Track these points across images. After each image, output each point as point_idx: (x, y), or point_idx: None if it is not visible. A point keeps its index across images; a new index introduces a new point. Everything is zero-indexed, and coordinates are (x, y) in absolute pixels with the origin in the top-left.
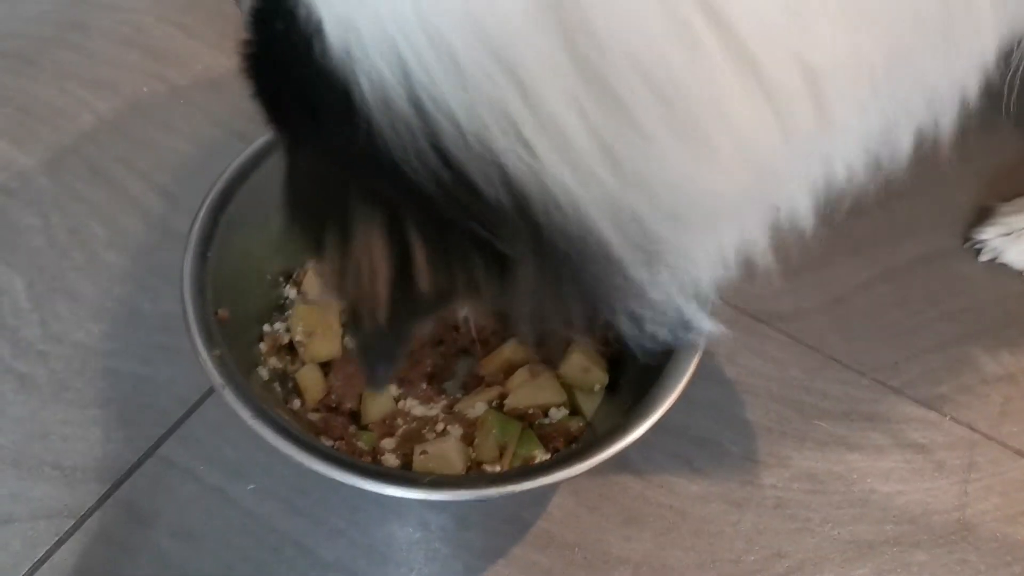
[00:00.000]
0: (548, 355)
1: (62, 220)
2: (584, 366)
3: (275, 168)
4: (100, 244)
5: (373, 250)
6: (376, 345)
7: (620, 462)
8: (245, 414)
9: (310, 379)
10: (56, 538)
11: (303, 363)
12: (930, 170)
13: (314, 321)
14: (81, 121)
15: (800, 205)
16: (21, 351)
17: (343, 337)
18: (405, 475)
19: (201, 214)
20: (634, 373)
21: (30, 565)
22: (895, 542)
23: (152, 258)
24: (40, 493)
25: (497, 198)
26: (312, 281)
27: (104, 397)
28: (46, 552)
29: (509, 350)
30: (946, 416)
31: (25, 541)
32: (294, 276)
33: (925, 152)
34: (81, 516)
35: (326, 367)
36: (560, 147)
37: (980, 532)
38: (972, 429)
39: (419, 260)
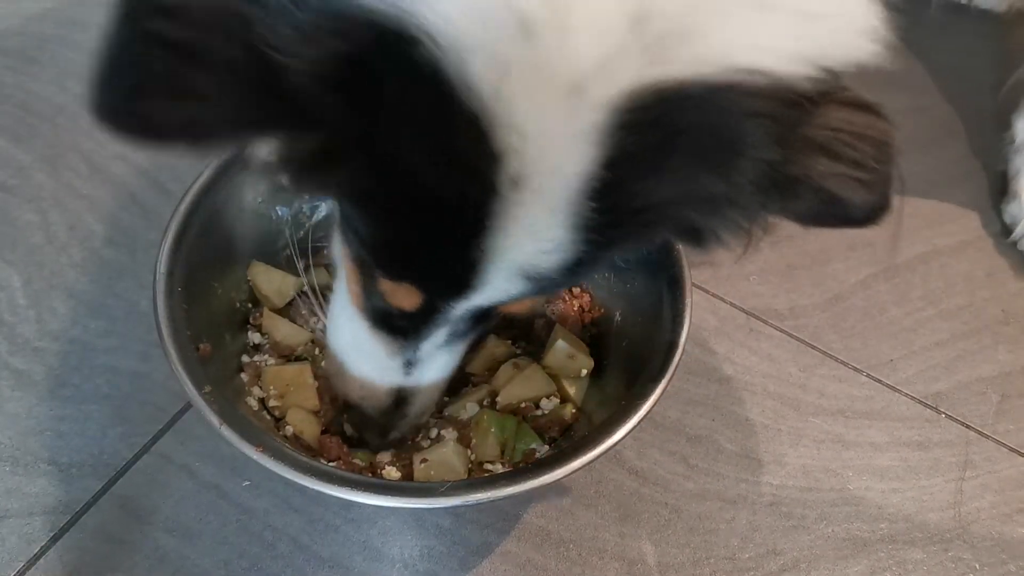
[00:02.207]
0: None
1: (61, 217)
2: (568, 353)
3: (226, 199)
4: (99, 241)
5: None
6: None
7: (616, 459)
8: (249, 450)
9: (301, 420)
10: (52, 534)
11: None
12: (930, 169)
13: (285, 381)
14: (81, 118)
15: None
16: (18, 347)
17: (317, 387)
18: (423, 487)
19: (163, 252)
20: (619, 355)
21: (26, 560)
22: (890, 540)
23: (151, 255)
24: (36, 489)
25: None
26: (272, 320)
27: (101, 394)
28: (41, 548)
29: (492, 344)
30: (942, 414)
31: (21, 537)
32: (251, 319)
33: None
34: (77, 512)
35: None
36: None
37: (975, 530)
38: (968, 427)
39: None
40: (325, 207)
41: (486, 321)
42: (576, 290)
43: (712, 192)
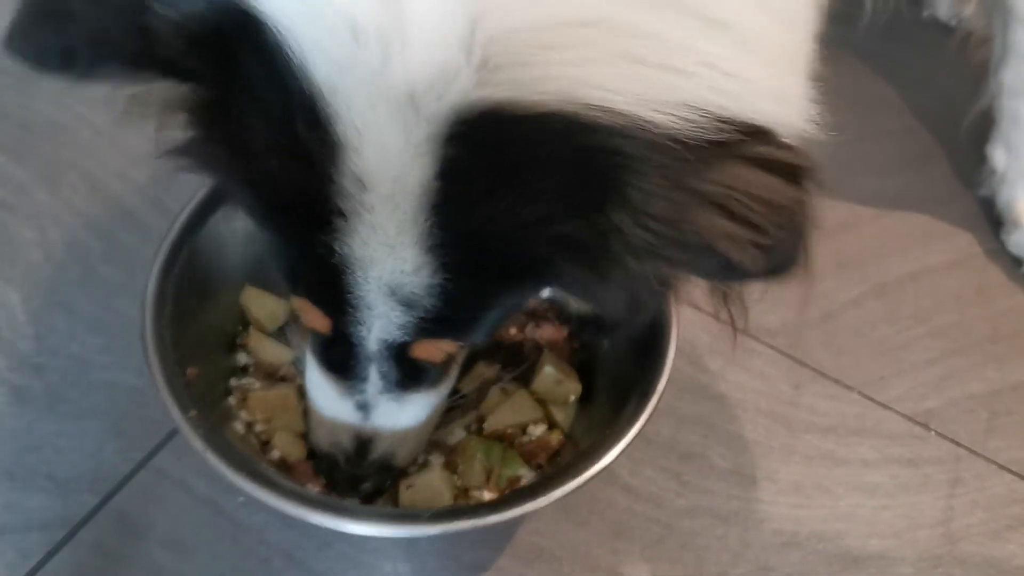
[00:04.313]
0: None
1: (60, 234)
2: (556, 379)
3: (218, 222)
4: (97, 258)
5: None
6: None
7: (608, 476)
8: (233, 476)
9: (287, 443)
10: (49, 548)
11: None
12: (919, 189)
13: (270, 405)
14: (81, 136)
15: None
16: (17, 364)
17: (303, 410)
18: (406, 514)
19: (153, 274)
20: (607, 380)
21: (23, 575)
22: (880, 556)
23: (149, 272)
24: (34, 504)
25: None
26: (258, 340)
27: (98, 409)
28: (38, 562)
29: (482, 365)
30: (932, 431)
31: (18, 551)
32: (238, 340)
33: None
34: (74, 527)
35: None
36: None
37: (965, 547)
38: (958, 444)
39: None
40: None
41: (416, 371)
42: (565, 315)
43: (578, 238)
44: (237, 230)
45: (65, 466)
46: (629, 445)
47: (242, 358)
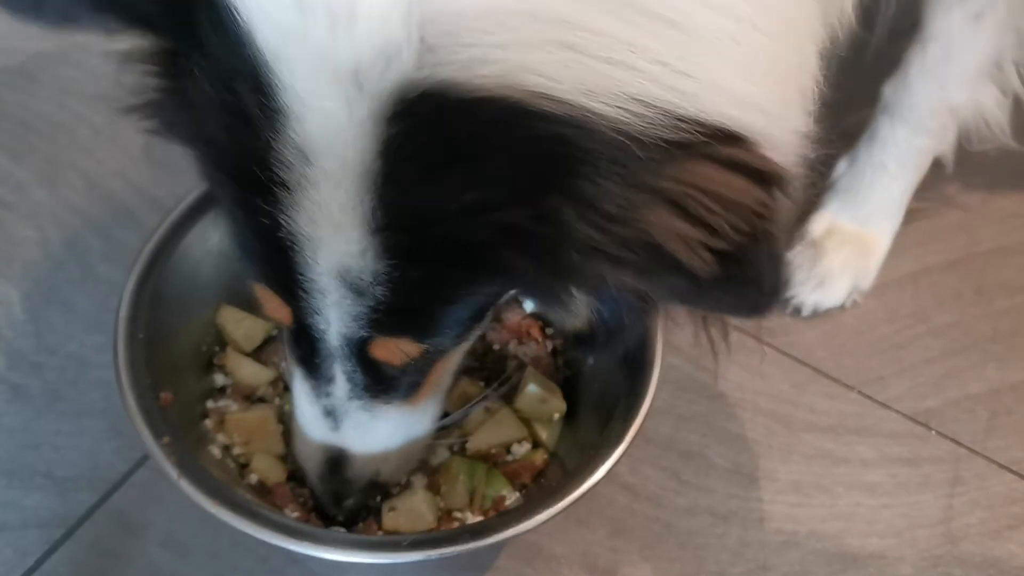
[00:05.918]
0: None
1: (58, 233)
2: (540, 397)
3: (194, 241)
4: (95, 257)
5: None
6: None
7: (608, 475)
8: (207, 503)
9: (266, 466)
10: (47, 547)
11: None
12: (920, 187)
13: (249, 428)
14: (80, 135)
15: None
16: (15, 362)
17: (283, 432)
18: (385, 541)
19: (125, 297)
20: (592, 398)
21: (21, 573)
22: (880, 556)
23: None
24: (32, 502)
25: None
26: (235, 360)
27: (97, 408)
28: (36, 561)
29: (465, 382)
30: (932, 430)
31: (16, 550)
32: (215, 360)
33: None
34: (72, 525)
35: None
36: None
37: (965, 546)
38: (958, 443)
39: None
40: None
41: (382, 378)
42: (549, 331)
43: (523, 228)
44: (212, 248)
45: (63, 465)
46: (611, 468)
47: (219, 379)
